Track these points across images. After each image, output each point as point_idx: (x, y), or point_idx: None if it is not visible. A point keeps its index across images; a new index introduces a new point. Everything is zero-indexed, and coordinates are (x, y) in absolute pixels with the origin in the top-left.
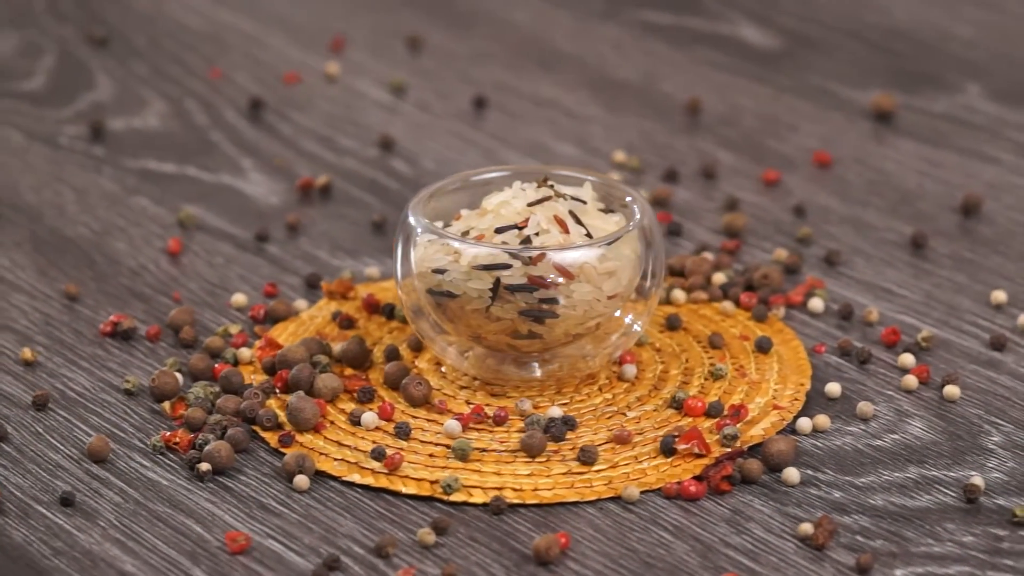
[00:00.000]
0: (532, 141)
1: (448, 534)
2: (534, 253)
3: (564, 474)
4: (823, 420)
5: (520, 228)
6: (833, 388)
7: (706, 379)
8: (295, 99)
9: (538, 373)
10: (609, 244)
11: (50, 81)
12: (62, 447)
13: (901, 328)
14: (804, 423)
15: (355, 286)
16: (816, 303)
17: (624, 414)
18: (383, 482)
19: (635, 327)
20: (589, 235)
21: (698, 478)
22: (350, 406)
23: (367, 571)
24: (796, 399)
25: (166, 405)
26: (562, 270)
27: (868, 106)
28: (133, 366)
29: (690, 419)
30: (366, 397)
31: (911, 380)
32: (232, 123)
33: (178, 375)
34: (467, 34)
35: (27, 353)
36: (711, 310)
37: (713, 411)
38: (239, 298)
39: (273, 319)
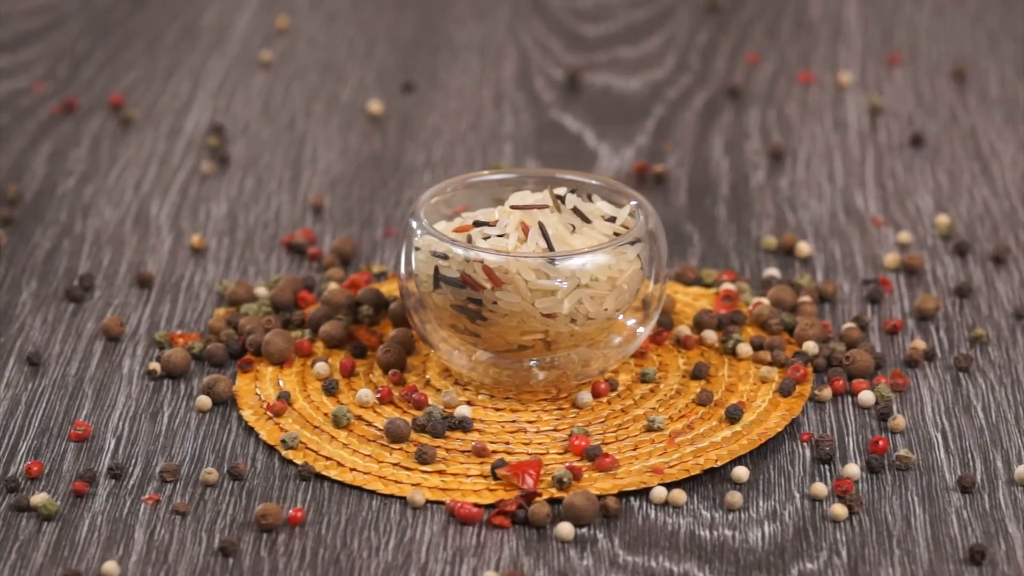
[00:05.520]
0: (891, 184)
1: (242, 480)
2: (472, 254)
3: (393, 464)
4: (679, 495)
5: (490, 226)
6: (740, 472)
7: (642, 428)
8: (769, 97)
9: (540, 377)
10: (552, 262)
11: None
12: (104, 321)
13: (927, 445)
14: (659, 492)
15: None
16: (867, 397)
17: (524, 431)
18: (257, 424)
19: (638, 337)
20: (551, 248)
21: (486, 505)
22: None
23: (137, 486)
24: (689, 470)
25: (220, 311)
26: (491, 275)
27: None
28: (265, 276)
29: (570, 455)
30: (357, 352)
31: (820, 488)
32: (684, 104)
33: (259, 290)
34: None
35: (195, 239)
36: (756, 371)
37: (589, 454)
38: None
39: None
